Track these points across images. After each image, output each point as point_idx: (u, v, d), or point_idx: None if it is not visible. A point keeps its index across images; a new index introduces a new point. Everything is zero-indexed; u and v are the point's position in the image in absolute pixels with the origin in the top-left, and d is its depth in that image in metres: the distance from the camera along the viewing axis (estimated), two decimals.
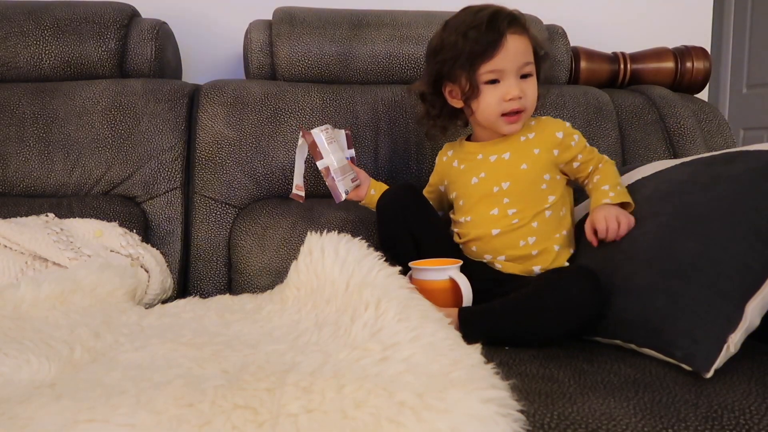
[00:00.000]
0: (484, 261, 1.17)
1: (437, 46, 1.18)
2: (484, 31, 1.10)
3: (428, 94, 1.22)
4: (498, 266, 1.15)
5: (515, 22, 1.12)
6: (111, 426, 0.54)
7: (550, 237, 1.13)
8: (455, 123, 1.25)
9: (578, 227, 1.16)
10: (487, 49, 1.10)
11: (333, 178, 1.20)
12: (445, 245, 1.19)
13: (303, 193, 1.29)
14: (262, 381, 0.62)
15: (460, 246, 1.21)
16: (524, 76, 1.13)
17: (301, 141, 1.25)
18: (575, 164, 1.17)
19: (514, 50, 1.11)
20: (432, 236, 1.18)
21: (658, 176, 1.09)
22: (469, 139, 1.25)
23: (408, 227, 1.15)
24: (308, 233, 0.99)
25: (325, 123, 1.30)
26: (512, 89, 1.11)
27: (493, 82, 1.12)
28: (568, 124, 1.19)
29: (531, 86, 1.14)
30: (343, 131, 1.30)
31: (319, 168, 1.21)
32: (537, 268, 1.12)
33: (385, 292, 0.82)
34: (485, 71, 1.11)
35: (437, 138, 1.30)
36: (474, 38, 1.10)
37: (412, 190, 1.20)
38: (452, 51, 1.13)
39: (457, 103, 1.19)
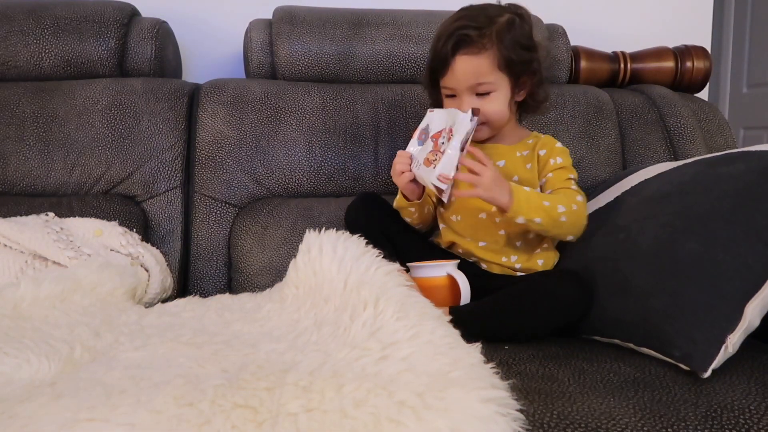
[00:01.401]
0: (470, 261, 1.19)
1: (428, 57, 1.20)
2: (439, 49, 1.12)
3: (427, 87, 1.23)
4: (483, 266, 1.18)
5: (460, 43, 1.09)
6: (111, 425, 0.54)
7: (532, 256, 1.16)
8: None
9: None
10: (438, 68, 1.13)
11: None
12: (423, 245, 1.20)
13: (449, 189, 1.04)
14: (261, 380, 0.62)
15: (442, 246, 1.22)
16: (481, 95, 1.12)
17: (472, 123, 1.03)
18: (542, 180, 1.17)
19: (461, 72, 1.10)
20: (408, 237, 1.18)
21: (659, 178, 1.10)
22: None
23: (383, 232, 1.15)
24: (307, 231, 0.99)
25: (322, 123, 1.24)
26: (462, 106, 1.11)
27: (452, 96, 1.15)
28: (559, 144, 1.19)
29: (489, 103, 1.12)
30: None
31: (456, 160, 1.01)
32: (519, 267, 1.16)
33: (383, 290, 0.82)
34: (442, 86, 1.15)
35: None
36: (434, 53, 1.14)
37: (377, 198, 1.22)
38: (428, 58, 1.18)
39: None
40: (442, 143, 1.05)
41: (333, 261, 0.90)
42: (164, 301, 1.19)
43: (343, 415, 0.56)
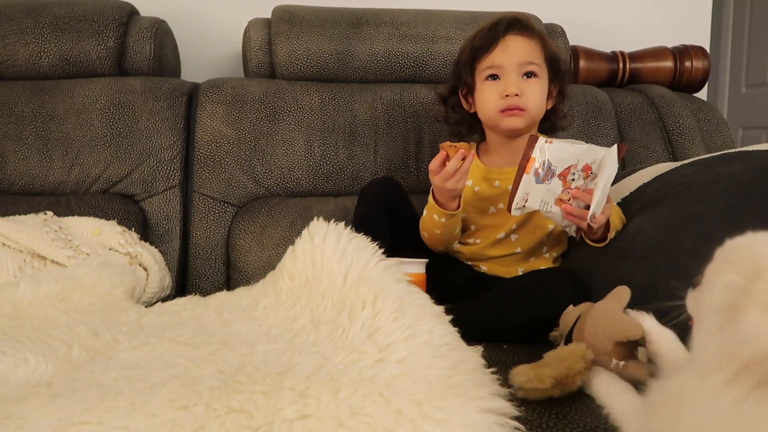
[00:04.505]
0: (469, 264, 1.20)
1: (456, 57, 1.25)
2: (486, 32, 1.16)
3: (448, 96, 1.25)
4: (483, 269, 1.18)
5: (516, 24, 1.16)
6: (105, 429, 0.53)
7: (538, 266, 1.17)
8: (471, 135, 1.26)
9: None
10: (485, 45, 1.15)
11: None
12: (418, 238, 1.20)
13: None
14: (258, 383, 0.61)
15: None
16: (528, 76, 1.14)
17: (612, 159, 0.97)
18: None
19: (515, 48, 1.13)
20: (408, 226, 1.19)
21: (658, 180, 1.10)
22: (478, 149, 1.25)
23: (387, 211, 1.16)
24: (314, 219, 0.96)
25: (321, 123, 1.24)
26: (509, 86, 1.12)
27: (494, 78, 1.15)
28: None
29: (533, 87, 1.14)
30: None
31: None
32: (521, 271, 1.17)
33: (381, 288, 0.81)
34: (484, 66, 1.15)
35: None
36: (477, 39, 1.17)
37: (396, 182, 1.25)
38: (461, 54, 1.20)
39: (469, 106, 1.22)
40: (572, 179, 1.00)
41: (335, 252, 0.89)
42: (163, 300, 1.18)
43: (338, 423, 0.55)
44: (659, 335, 0.74)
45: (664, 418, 0.52)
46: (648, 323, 0.76)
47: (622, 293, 0.81)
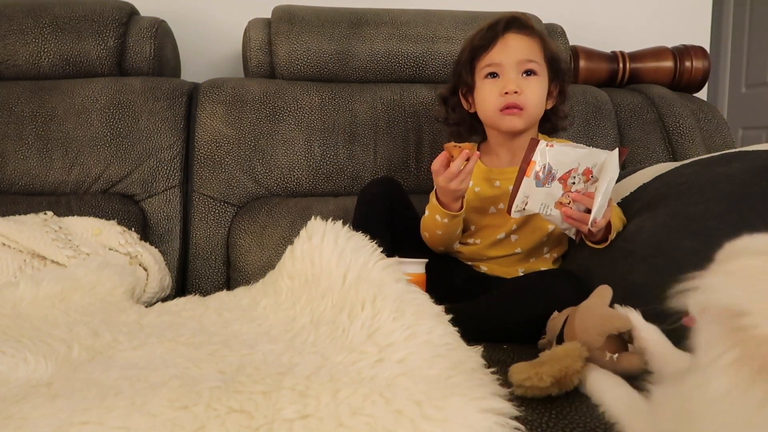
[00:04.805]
0: (469, 264, 1.20)
1: (456, 57, 1.25)
2: (485, 31, 1.17)
3: (449, 96, 1.25)
4: (483, 269, 1.19)
5: (516, 22, 1.15)
6: (105, 428, 0.53)
7: (538, 267, 1.17)
8: (472, 135, 1.26)
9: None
10: (484, 44, 1.16)
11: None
12: (418, 238, 1.20)
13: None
14: (258, 383, 0.61)
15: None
16: (528, 74, 1.14)
17: (613, 163, 0.97)
18: None
19: (515, 46, 1.14)
20: (408, 226, 1.19)
21: (658, 180, 1.10)
22: (478, 149, 1.25)
23: (387, 211, 1.16)
24: (312, 218, 0.96)
25: (321, 123, 1.24)
26: (508, 83, 1.12)
27: (494, 76, 1.15)
28: None
29: (532, 85, 1.14)
30: None
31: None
32: (521, 271, 1.17)
33: (380, 287, 0.81)
34: (484, 64, 1.16)
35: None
36: (477, 38, 1.18)
37: (396, 182, 1.25)
38: (461, 54, 1.21)
39: (469, 106, 1.22)
40: (573, 183, 1.00)
41: (334, 252, 0.88)
42: (163, 300, 1.18)
43: (338, 423, 0.55)
44: (645, 331, 0.75)
45: (676, 424, 0.51)
46: (634, 319, 0.77)
47: (604, 291, 0.83)
